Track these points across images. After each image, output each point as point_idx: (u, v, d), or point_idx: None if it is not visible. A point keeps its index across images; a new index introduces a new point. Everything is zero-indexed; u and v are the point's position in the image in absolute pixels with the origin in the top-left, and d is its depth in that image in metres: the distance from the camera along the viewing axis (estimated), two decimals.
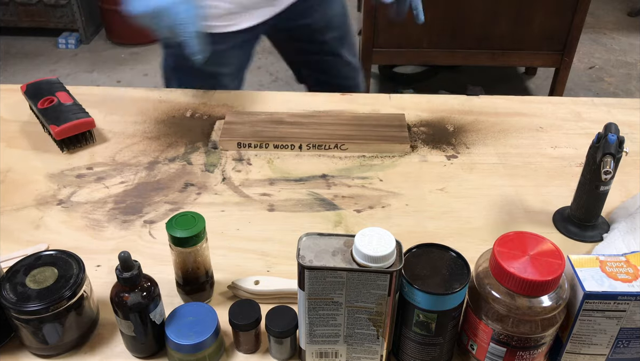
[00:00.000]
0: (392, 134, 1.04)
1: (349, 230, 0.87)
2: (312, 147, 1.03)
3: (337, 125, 1.06)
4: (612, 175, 0.78)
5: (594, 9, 3.54)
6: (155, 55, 3.19)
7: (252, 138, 1.03)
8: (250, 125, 1.06)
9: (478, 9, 2.25)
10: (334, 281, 0.59)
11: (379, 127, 1.06)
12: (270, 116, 1.08)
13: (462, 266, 0.62)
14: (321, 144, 1.02)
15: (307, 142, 1.02)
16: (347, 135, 1.04)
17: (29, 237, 0.85)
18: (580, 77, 2.99)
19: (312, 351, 0.66)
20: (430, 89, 2.76)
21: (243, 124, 1.06)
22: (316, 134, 1.04)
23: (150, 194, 0.94)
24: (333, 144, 1.02)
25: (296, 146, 1.03)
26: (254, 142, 1.02)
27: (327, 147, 1.03)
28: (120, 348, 0.70)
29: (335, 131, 1.05)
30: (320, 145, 1.02)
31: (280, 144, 1.02)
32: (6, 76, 2.97)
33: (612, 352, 0.65)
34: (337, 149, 1.03)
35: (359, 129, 1.05)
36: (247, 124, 1.06)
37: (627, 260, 0.63)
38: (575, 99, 1.18)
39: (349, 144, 1.02)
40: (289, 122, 1.07)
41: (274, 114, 1.09)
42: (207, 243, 0.72)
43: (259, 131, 1.04)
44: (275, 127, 1.05)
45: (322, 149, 1.03)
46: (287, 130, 1.05)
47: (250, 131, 1.04)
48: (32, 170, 0.98)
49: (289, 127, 1.05)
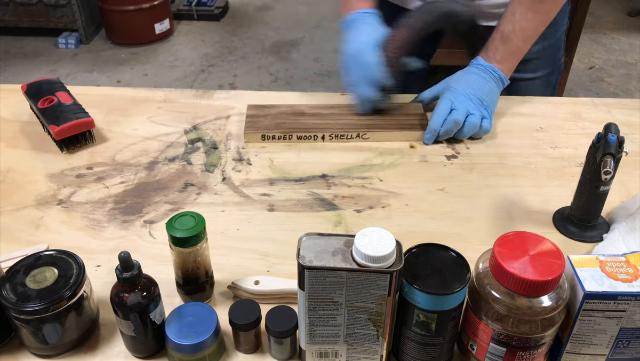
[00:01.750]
0: (413, 122, 1.06)
1: (349, 230, 0.87)
2: (334, 137, 1.04)
3: (357, 115, 1.07)
4: (612, 175, 0.78)
5: (594, 9, 3.54)
6: (155, 55, 3.19)
7: (275, 130, 1.04)
8: (272, 117, 1.07)
9: None
10: (334, 281, 0.59)
11: (399, 115, 1.08)
12: (291, 108, 1.10)
13: (462, 266, 0.62)
14: (343, 134, 1.04)
15: (329, 133, 1.04)
16: (368, 124, 1.05)
17: (29, 237, 0.85)
18: (580, 77, 2.99)
19: (312, 351, 0.66)
20: None
21: (265, 117, 1.07)
22: (337, 124, 1.05)
23: (150, 194, 0.94)
24: (355, 133, 1.04)
25: (319, 137, 1.04)
26: (278, 134, 1.03)
27: (350, 136, 1.04)
28: (120, 348, 0.70)
29: (357, 121, 1.06)
30: (343, 135, 1.04)
31: (303, 135, 1.04)
32: (6, 76, 2.97)
33: (612, 352, 0.65)
34: (359, 138, 1.04)
35: (379, 119, 1.06)
36: (269, 116, 1.07)
37: (627, 260, 0.63)
38: (575, 99, 1.18)
39: (370, 132, 1.04)
40: (310, 113, 1.08)
41: (294, 106, 1.10)
42: (207, 243, 0.72)
43: (281, 123, 1.05)
44: (297, 118, 1.07)
45: (344, 139, 1.04)
46: (309, 121, 1.06)
47: (274, 123, 1.05)
48: (32, 170, 0.98)
49: (310, 119, 1.07)
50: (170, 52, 3.24)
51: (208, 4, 3.57)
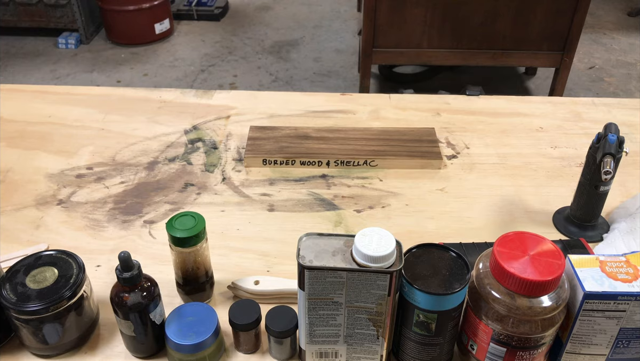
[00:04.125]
0: (424, 150, 1.00)
1: (349, 230, 0.87)
2: (340, 163, 0.99)
3: (364, 140, 1.02)
4: (612, 175, 0.78)
5: (594, 9, 3.54)
6: (155, 55, 3.19)
7: (278, 155, 0.99)
8: (274, 140, 1.02)
9: (478, 9, 2.25)
10: (334, 281, 0.59)
11: (409, 142, 1.02)
12: (295, 131, 1.04)
13: (462, 266, 0.62)
14: (349, 160, 0.98)
15: (334, 159, 0.98)
16: (376, 150, 0.99)
17: (29, 237, 0.85)
18: (580, 77, 2.99)
19: (312, 351, 0.66)
20: (430, 89, 2.76)
21: (267, 140, 1.02)
22: (343, 150, 1.00)
23: (150, 194, 0.94)
24: (362, 160, 0.98)
25: (323, 163, 0.99)
26: (279, 159, 0.98)
27: (356, 163, 0.99)
28: (120, 348, 0.70)
29: (364, 146, 1.00)
30: (349, 162, 0.98)
31: (307, 161, 0.99)
32: (6, 76, 2.97)
33: (612, 352, 0.65)
34: (366, 165, 0.98)
35: (388, 144, 1.01)
36: (271, 139, 1.02)
37: (627, 260, 0.63)
38: (575, 99, 1.18)
39: (378, 160, 0.98)
40: (314, 137, 1.03)
41: (299, 128, 1.05)
42: (207, 243, 0.72)
43: (284, 147, 1.00)
44: (301, 142, 1.01)
45: (350, 165, 0.99)
46: (314, 145, 1.01)
47: (276, 147, 1.00)
48: (32, 170, 0.98)
49: (315, 143, 1.01)
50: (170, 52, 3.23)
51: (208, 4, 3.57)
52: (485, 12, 2.26)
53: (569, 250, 0.79)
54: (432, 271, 0.61)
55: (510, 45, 2.35)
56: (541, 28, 2.29)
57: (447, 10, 2.25)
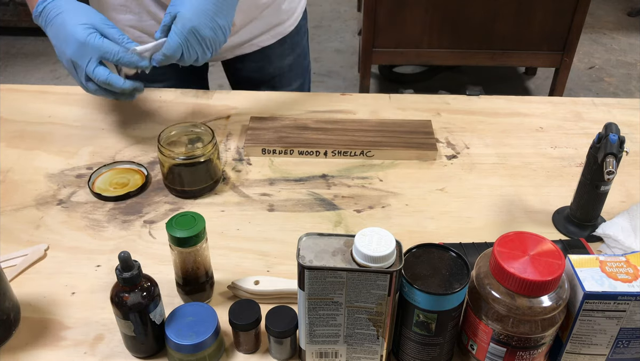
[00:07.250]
0: (420, 141, 1.02)
1: (349, 230, 0.87)
2: (337, 153, 1.01)
3: (362, 131, 1.04)
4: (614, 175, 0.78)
5: (594, 9, 3.54)
6: None
7: (277, 144, 1.01)
8: (274, 131, 1.04)
9: (478, 9, 2.25)
10: (334, 281, 0.59)
11: (406, 133, 1.04)
12: (295, 122, 1.06)
13: (462, 266, 0.62)
14: (347, 151, 1.00)
15: (332, 149, 1.00)
16: (373, 142, 1.02)
17: (29, 237, 0.85)
18: (580, 77, 2.99)
19: (312, 351, 0.66)
20: (430, 89, 2.76)
21: (267, 130, 1.04)
22: (341, 140, 1.02)
23: (150, 194, 0.94)
24: (359, 150, 1.00)
25: (321, 152, 1.01)
26: (278, 149, 1.00)
27: (353, 153, 1.01)
28: (120, 348, 0.70)
29: (361, 137, 1.03)
30: (346, 152, 1.00)
31: (305, 150, 1.01)
32: (6, 76, 2.97)
33: (612, 352, 0.65)
34: (363, 155, 1.01)
35: (385, 136, 1.03)
36: (271, 129, 1.04)
37: (627, 260, 0.63)
38: (575, 99, 1.18)
39: (375, 150, 1.00)
40: (313, 128, 1.05)
41: (298, 119, 1.07)
42: (207, 243, 0.72)
43: (283, 137, 1.02)
44: (300, 133, 1.04)
45: (347, 155, 1.01)
46: (312, 136, 1.03)
47: (275, 137, 1.02)
48: (32, 170, 0.98)
49: (313, 133, 1.03)
50: None
51: None
52: (485, 12, 2.26)
53: (569, 250, 0.79)
54: (432, 271, 0.61)
55: (510, 45, 2.35)
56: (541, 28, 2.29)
57: (447, 10, 2.25)
